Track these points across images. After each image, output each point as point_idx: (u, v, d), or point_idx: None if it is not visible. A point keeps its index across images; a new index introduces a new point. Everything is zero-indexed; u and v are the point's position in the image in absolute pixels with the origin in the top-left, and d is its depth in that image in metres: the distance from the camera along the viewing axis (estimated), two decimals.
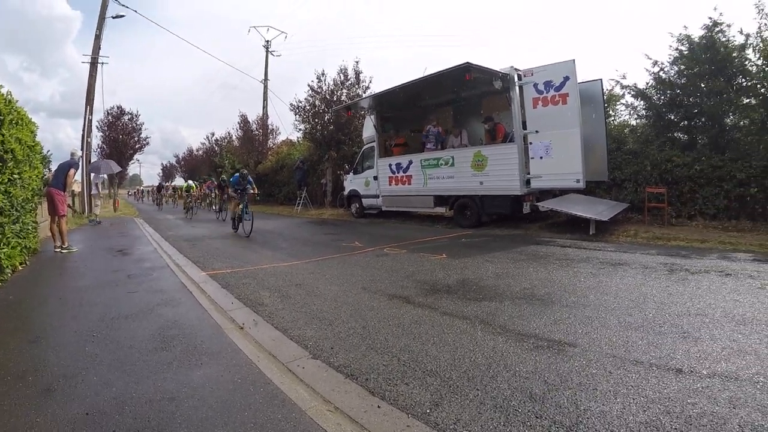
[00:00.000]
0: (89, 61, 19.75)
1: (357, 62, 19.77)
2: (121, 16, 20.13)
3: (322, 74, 19.86)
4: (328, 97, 19.54)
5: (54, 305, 4.63)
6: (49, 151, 10.12)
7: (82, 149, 19.40)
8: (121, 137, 30.45)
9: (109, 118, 30.44)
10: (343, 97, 19.27)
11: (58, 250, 8.07)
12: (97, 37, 19.86)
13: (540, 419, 2.16)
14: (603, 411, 2.19)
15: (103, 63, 20.29)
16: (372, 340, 3.36)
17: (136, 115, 32.09)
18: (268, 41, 31.93)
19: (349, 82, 19.57)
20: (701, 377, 2.51)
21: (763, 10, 8.91)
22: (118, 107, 31.51)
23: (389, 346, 3.22)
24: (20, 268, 6.39)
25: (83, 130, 19.84)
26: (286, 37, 45.00)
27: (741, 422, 2.04)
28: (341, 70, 19.68)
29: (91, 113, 19.95)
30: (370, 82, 19.73)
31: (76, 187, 20.99)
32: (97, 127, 27.06)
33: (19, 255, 6.34)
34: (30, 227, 7.29)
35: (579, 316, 3.72)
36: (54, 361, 3.03)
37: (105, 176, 13.64)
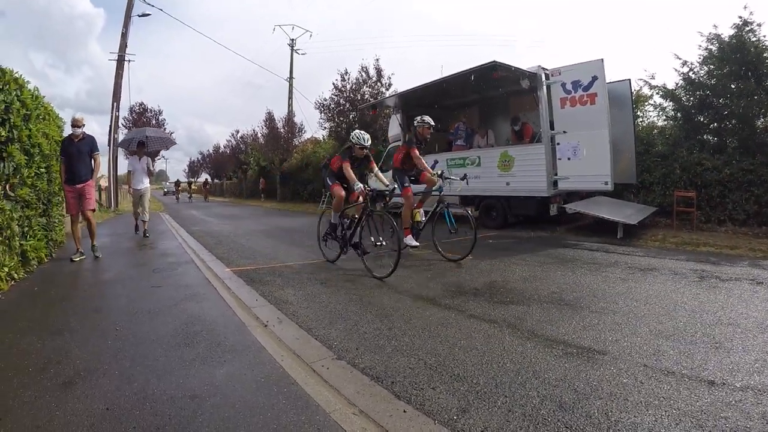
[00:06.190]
0: (115, 58, 20.13)
1: (377, 60, 20.06)
2: (147, 15, 20.51)
3: (346, 73, 20.29)
4: (352, 95, 19.75)
5: (78, 297, 4.68)
6: None
7: (109, 146, 19.78)
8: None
9: (133, 115, 30.76)
10: (366, 95, 19.47)
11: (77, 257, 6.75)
12: (123, 35, 20.26)
13: (570, 430, 2.08)
14: (635, 423, 2.11)
15: (129, 60, 20.72)
16: (398, 341, 3.31)
17: (158, 112, 32.42)
18: (293, 40, 32.65)
19: (372, 79, 19.77)
20: (734, 390, 2.41)
21: None
22: (139, 104, 31.92)
23: (415, 348, 3.16)
24: (46, 260, 6.48)
25: (110, 127, 20.27)
26: (311, 35, 45.74)
27: None
28: (362, 68, 20.04)
29: (117, 110, 20.37)
30: (390, 78, 19.94)
31: (103, 182, 21.26)
32: (122, 125, 27.53)
33: (45, 248, 6.42)
34: (57, 220, 7.40)
35: (608, 322, 3.63)
36: (76, 354, 3.02)
37: (149, 160, 10.12)
